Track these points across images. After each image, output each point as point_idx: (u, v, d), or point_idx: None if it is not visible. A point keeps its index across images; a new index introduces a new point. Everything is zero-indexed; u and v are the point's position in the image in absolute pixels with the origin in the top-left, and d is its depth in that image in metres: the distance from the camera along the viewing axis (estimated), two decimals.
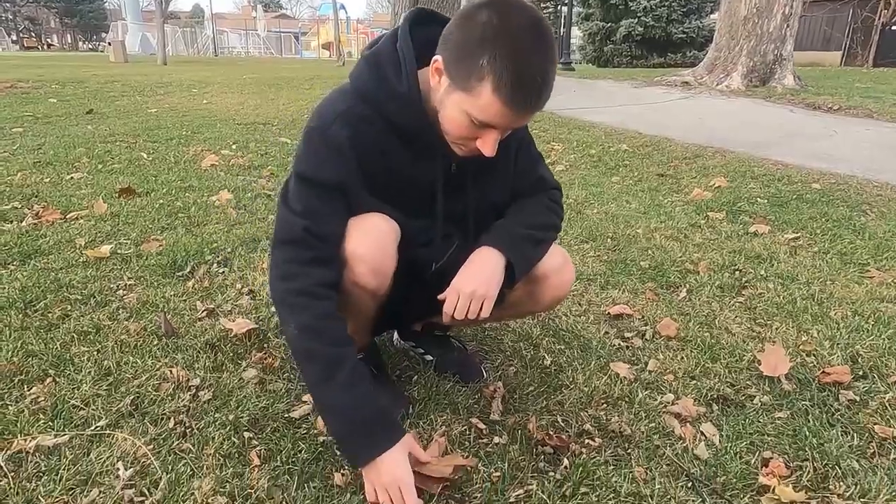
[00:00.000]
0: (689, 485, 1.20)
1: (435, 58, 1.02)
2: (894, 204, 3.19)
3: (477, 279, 1.17)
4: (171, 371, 1.50)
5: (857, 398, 1.48)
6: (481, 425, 1.34)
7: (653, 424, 1.37)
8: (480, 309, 1.17)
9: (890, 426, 1.36)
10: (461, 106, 1.00)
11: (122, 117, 5.56)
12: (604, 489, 1.17)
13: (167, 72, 11.82)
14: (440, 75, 1.02)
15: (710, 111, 6.57)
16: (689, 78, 8.56)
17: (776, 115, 6.38)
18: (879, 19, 17.71)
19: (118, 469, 1.17)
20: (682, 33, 18.78)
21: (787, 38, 7.92)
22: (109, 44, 18.98)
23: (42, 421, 1.30)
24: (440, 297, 1.20)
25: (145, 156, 3.89)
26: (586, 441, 1.31)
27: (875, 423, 1.37)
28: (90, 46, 41.36)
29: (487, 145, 1.04)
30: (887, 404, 1.45)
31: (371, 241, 1.13)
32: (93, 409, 1.34)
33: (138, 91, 7.77)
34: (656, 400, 1.47)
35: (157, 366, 1.53)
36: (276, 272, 1.12)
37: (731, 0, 8.07)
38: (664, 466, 1.24)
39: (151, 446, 1.24)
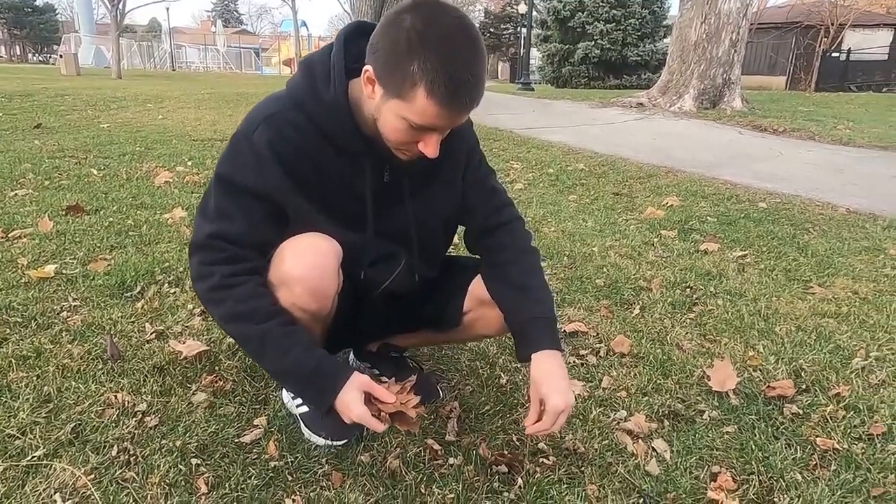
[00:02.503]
0: (641, 501, 1.21)
1: (365, 67, 1.02)
2: (835, 222, 3.34)
3: (564, 388, 1.17)
4: (115, 396, 1.44)
5: (801, 411, 1.53)
6: (436, 446, 1.33)
7: (606, 441, 1.39)
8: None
9: (830, 438, 1.41)
10: (398, 112, 1.01)
11: (72, 132, 5.40)
12: None
13: (121, 86, 11.56)
14: (373, 84, 1.03)
15: (663, 132, 6.78)
16: (644, 100, 8.84)
17: (726, 136, 6.63)
18: (820, 47, 18.68)
19: (56, 501, 1.12)
20: (636, 56, 19.44)
21: (735, 62, 8.27)
22: (61, 56, 18.44)
23: None
24: (529, 427, 1.17)
25: (95, 172, 3.78)
26: (540, 460, 1.32)
27: (817, 436, 1.42)
28: (40, 59, 40.09)
29: (429, 147, 1.06)
30: (828, 417, 1.50)
31: (308, 262, 1.13)
32: (30, 439, 1.28)
33: (90, 105, 7.57)
34: (609, 417, 1.49)
35: (101, 391, 1.47)
36: (192, 275, 1.16)
37: (682, 25, 8.40)
38: (616, 484, 1.26)
39: (92, 476, 1.19)
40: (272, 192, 1.12)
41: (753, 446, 1.38)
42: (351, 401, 1.08)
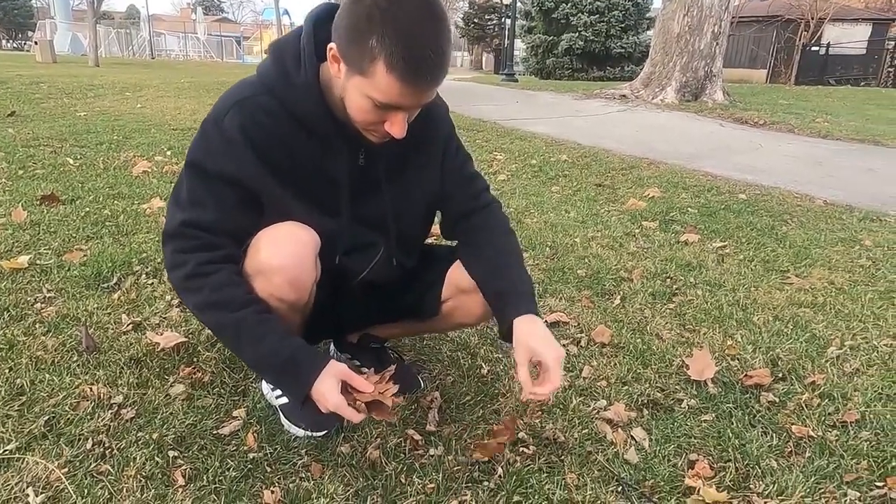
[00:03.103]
0: (619, 489, 1.23)
1: (330, 46, 1.01)
2: (812, 214, 3.39)
3: (553, 341, 1.16)
4: (91, 388, 1.42)
5: (777, 399, 1.55)
6: (417, 436, 1.33)
7: (586, 430, 1.40)
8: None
9: (805, 426, 1.44)
10: (361, 90, 0.99)
11: (47, 120, 5.28)
12: (537, 497, 1.19)
13: (99, 74, 11.31)
14: (338, 63, 1.01)
15: (645, 124, 6.82)
16: (627, 91, 8.87)
17: (707, 128, 6.68)
18: (800, 40, 18.88)
19: (28, 496, 1.10)
20: (620, 48, 19.47)
21: (717, 55, 8.33)
22: (36, 43, 18.02)
23: None
24: (530, 392, 1.13)
25: (72, 161, 3.71)
26: (521, 449, 1.32)
27: (792, 423, 1.44)
28: (15, 45, 39.13)
29: (396, 127, 1.03)
30: (803, 405, 1.52)
31: (286, 252, 1.12)
32: (1, 432, 1.26)
33: (66, 93, 7.40)
34: (589, 406, 1.50)
35: (76, 383, 1.45)
36: (166, 264, 1.15)
37: (665, 18, 8.43)
38: (595, 472, 1.27)
39: (66, 469, 1.17)
40: (244, 178, 1.10)
41: (730, 434, 1.39)
42: (327, 390, 1.06)
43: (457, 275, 1.31)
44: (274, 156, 1.11)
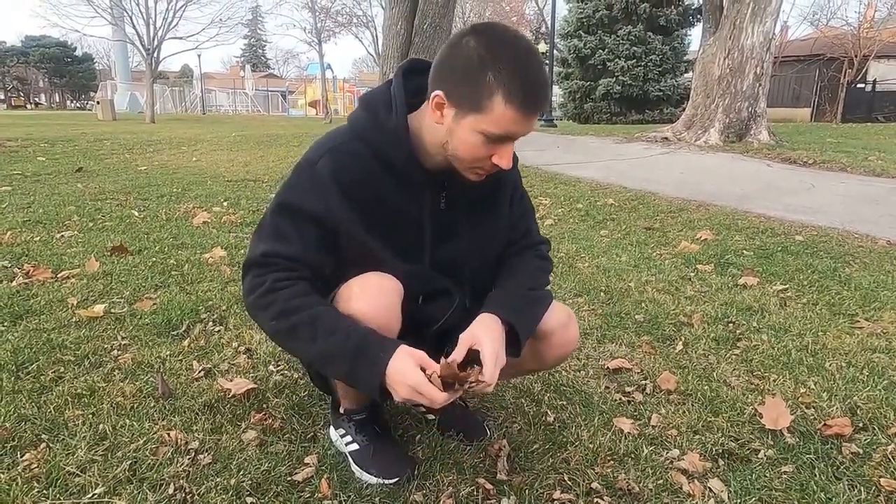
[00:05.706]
0: None
1: (435, 93, 1.07)
2: (876, 255, 3.28)
3: (499, 341, 1.17)
4: (168, 434, 1.46)
5: (861, 450, 1.48)
6: (488, 485, 1.32)
7: (660, 481, 1.36)
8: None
9: (895, 478, 1.36)
10: (474, 127, 1.05)
11: (111, 175, 5.59)
12: None
13: (156, 130, 11.95)
14: (442, 109, 1.07)
15: (690, 166, 6.77)
16: (669, 134, 8.85)
17: (754, 169, 6.58)
18: (844, 78, 18.57)
19: None
20: (658, 91, 19.53)
21: (760, 96, 8.27)
22: (98, 102, 19.22)
23: (36, 489, 1.25)
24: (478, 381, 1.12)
25: (136, 213, 3.90)
26: (595, 500, 1.29)
27: (880, 476, 1.37)
28: (78, 105, 41.80)
29: (504, 158, 1.09)
30: (890, 456, 1.45)
31: (376, 300, 1.15)
32: (89, 476, 1.30)
33: (127, 149, 7.84)
34: (662, 455, 1.46)
35: (155, 429, 1.49)
36: (244, 290, 1.16)
37: (706, 61, 8.45)
38: None
39: None
40: (330, 218, 1.15)
41: (815, 487, 1.34)
42: (405, 366, 1.05)
43: None
44: (361, 198, 1.16)
